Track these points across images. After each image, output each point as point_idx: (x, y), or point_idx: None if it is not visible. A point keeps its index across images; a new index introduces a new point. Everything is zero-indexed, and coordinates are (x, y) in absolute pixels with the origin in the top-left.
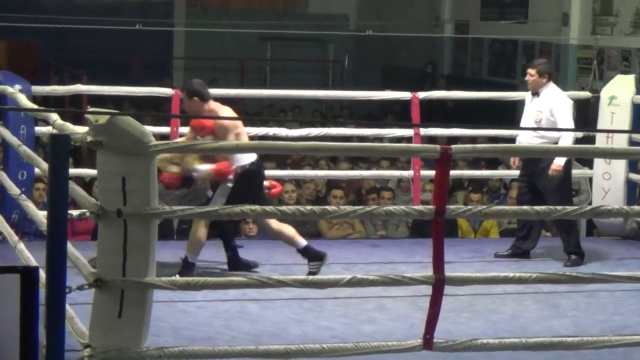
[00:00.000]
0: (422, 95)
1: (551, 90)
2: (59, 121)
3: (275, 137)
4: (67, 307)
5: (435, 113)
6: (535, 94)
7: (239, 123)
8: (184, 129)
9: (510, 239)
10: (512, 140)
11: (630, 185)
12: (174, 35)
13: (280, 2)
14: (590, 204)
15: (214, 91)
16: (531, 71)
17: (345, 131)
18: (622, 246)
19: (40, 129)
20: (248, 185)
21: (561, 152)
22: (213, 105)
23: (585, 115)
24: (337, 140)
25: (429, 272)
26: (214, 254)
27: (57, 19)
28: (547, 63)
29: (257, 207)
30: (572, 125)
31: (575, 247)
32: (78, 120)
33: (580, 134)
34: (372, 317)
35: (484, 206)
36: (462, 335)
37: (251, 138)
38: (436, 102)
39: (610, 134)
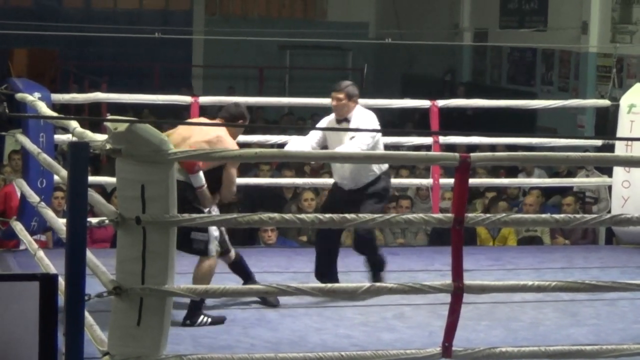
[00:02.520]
0: (441, 103)
1: (360, 112)
2: (79, 129)
3: None
4: (87, 314)
5: (454, 121)
6: (345, 119)
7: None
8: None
9: (528, 247)
10: (531, 148)
11: None
12: (193, 43)
13: (300, 10)
14: (609, 212)
15: (232, 98)
16: (339, 95)
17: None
18: None
19: (59, 137)
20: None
21: (581, 160)
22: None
23: (605, 123)
24: None
25: (448, 280)
26: None
27: (77, 27)
28: (354, 85)
29: (275, 215)
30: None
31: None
32: (97, 128)
33: (600, 142)
34: (391, 325)
35: (503, 214)
36: (482, 344)
37: (270, 146)
38: (455, 110)
39: (630, 142)
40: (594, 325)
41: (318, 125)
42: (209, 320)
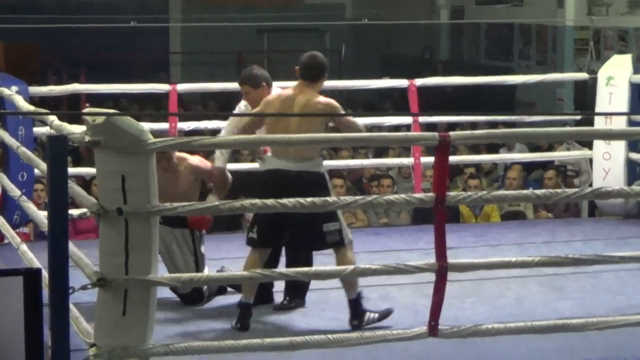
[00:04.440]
0: (419, 82)
1: None
2: (57, 122)
3: None
4: (72, 307)
5: (434, 99)
6: None
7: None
8: (182, 125)
9: (511, 222)
10: (511, 123)
11: (630, 164)
12: (170, 31)
13: None
14: (590, 184)
15: (212, 85)
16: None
17: None
18: (624, 226)
19: (38, 130)
20: None
21: (561, 135)
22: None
23: (584, 95)
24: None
25: (432, 259)
26: (215, 249)
27: (54, 19)
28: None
29: (257, 201)
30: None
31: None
32: (76, 120)
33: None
34: (376, 306)
35: (485, 192)
36: (468, 321)
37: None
38: (435, 88)
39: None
40: (578, 299)
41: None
42: (376, 316)
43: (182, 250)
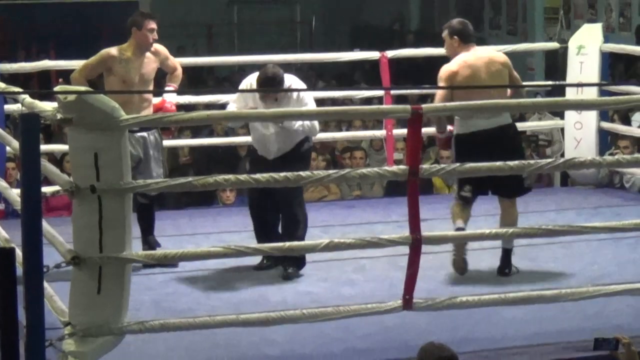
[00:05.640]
0: (390, 54)
1: (289, 79)
2: (28, 99)
3: None
4: (46, 285)
5: (405, 69)
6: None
7: None
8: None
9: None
10: None
11: (602, 133)
12: (139, 4)
13: None
14: (562, 154)
15: (182, 60)
16: None
17: (316, 94)
18: (596, 194)
19: (9, 107)
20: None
21: (532, 105)
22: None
23: (555, 64)
24: None
25: (406, 231)
26: (192, 224)
27: None
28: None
29: (230, 177)
30: None
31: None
32: (47, 97)
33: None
34: (351, 279)
35: (458, 164)
36: (442, 294)
37: (221, 107)
38: (406, 59)
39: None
40: (552, 269)
41: (241, 86)
42: (517, 269)
43: (157, 155)
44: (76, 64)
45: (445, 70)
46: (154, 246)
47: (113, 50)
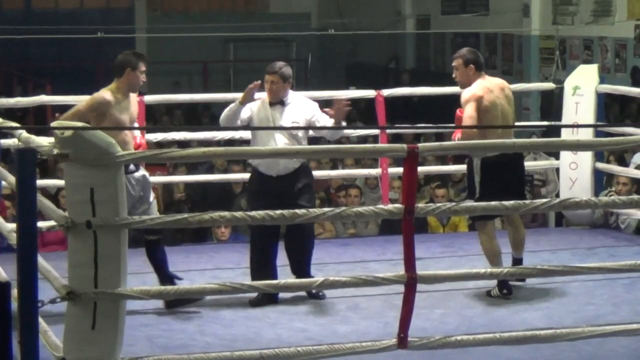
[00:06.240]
0: (386, 92)
1: (296, 95)
2: (25, 134)
3: (242, 141)
4: (40, 320)
5: (400, 109)
6: (279, 102)
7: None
8: (150, 136)
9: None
10: None
11: (597, 174)
12: (136, 41)
13: (241, 3)
14: (557, 194)
15: (177, 96)
16: (273, 78)
17: (311, 132)
18: (591, 235)
19: (6, 142)
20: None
21: (530, 145)
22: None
23: (550, 104)
24: None
25: (400, 270)
26: (186, 260)
27: (18, 29)
28: (287, 65)
29: (226, 214)
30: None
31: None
32: (43, 132)
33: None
34: (346, 317)
35: (453, 203)
36: (437, 332)
37: (217, 143)
38: (401, 97)
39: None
40: (547, 309)
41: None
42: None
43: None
44: (72, 99)
45: (470, 93)
46: (174, 281)
47: (107, 95)
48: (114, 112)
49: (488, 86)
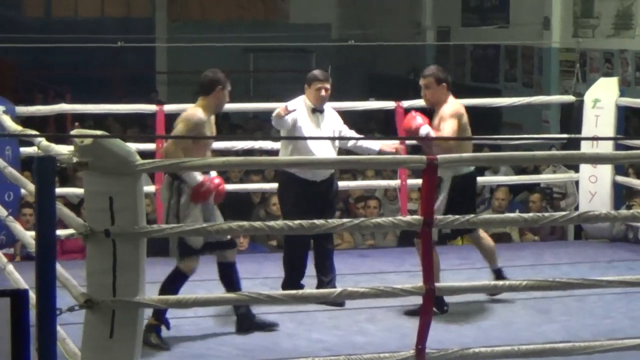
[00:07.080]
0: (406, 104)
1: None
2: (44, 142)
3: (261, 151)
4: (59, 328)
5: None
6: (320, 110)
7: None
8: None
9: (497, 244)
10: (496, 146)
11: (616, 187)
12: (156, 50)
13: (262, 12)
14: (577, 207)
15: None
16: (328, 85)
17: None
18: (610, 249)
19: (25, 150)
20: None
21: (549, 158)
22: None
23: (570, 117)
24: None
25: (418, 281)
26: (204, 269)
27: (38, 37)
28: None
29: (244, 223)
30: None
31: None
32: (63, 140)
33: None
34: (363, 328)
35: (472, 215)
36: (454, 344)
37: (236, 152)
38: (421, 108)
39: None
40: (565, 322)
41: (290, 107)
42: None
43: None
44: (92, 108)
45: (454, 109)
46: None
47: (200, 114)
48: (205, 131)
49: (459, 103)
